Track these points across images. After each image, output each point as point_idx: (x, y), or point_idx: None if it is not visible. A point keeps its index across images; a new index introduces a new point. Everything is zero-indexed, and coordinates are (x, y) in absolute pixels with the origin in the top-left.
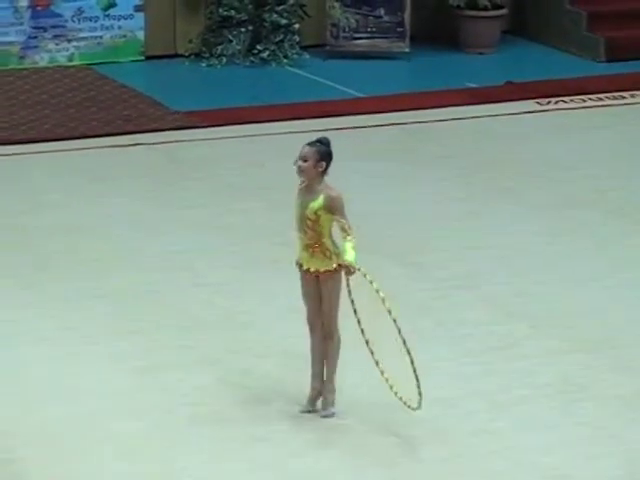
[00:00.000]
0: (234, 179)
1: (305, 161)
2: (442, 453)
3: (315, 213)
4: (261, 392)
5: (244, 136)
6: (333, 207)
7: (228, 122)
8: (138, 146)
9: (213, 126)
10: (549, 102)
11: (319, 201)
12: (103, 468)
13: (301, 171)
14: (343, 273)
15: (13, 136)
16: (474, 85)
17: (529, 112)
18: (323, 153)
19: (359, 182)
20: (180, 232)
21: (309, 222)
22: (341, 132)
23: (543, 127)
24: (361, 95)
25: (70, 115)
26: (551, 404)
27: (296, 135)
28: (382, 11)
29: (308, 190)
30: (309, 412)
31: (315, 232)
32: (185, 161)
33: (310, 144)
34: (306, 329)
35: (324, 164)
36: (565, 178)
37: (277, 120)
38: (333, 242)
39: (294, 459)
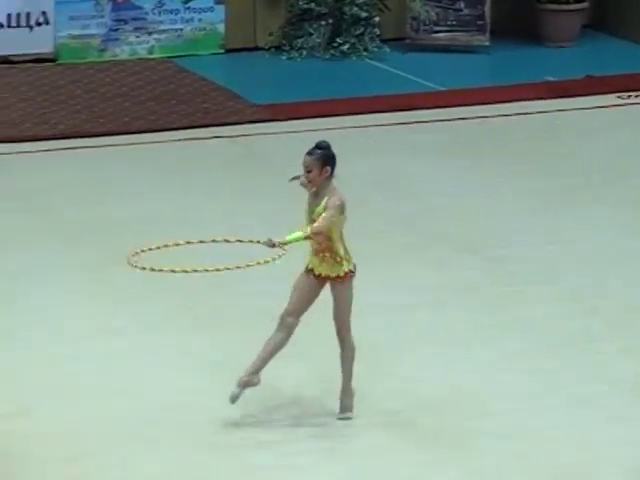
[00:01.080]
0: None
1: (309, 171)
2: (522, 447)
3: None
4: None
5: (323, 129)
6: (329, 207)
7: (307, 115)
8: (217, 139)
9: (292, 119)
10: (630, 96)
11: (323, 205)
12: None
13: (309, 182)
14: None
15: (93, 129)
16: (554, 79)
17: (609, 106)
18: (325, 158)
19: (437, 175)
20: (259, 225)
21: None
22: (420, 125)
23: (623, 121)
24: (441, 88)
25: (150, 108)
26: (629, 399)
27: (375, 128)
28: (462, 4)
29: (316, 195)
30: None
31: (324, 237)
32: (263, 154)
33: (310, 153)
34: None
35: (329, 168)
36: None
37: (356, 113)
38: (344, 247)
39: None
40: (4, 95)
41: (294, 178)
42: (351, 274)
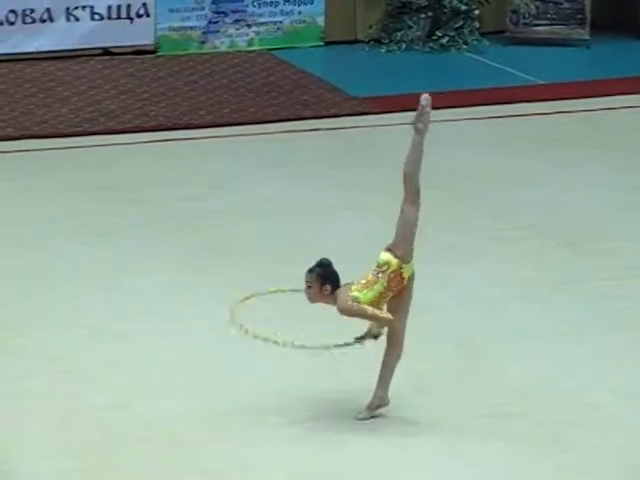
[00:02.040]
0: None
1: (309, 287)
2: (621, 441)
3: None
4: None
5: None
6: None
7: (406, 108)
8: (316, 132)
9: (391, 112)
10: None
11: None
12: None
13: (309, 298)
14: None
15: (192, 121)
16: None
17: None
18: (324, 277)
19: (535, 168)
20: (357, 218)
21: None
22: (520, 119)
23: None
24: (540, 82)
25: (249, 100)
26: None
27: (475, 122)
28: None
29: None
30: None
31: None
32: (363, 147)
33: (310, 270)
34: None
35: (329, 287)
36: None
37: (456, 107)
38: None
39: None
40: (105, 87)
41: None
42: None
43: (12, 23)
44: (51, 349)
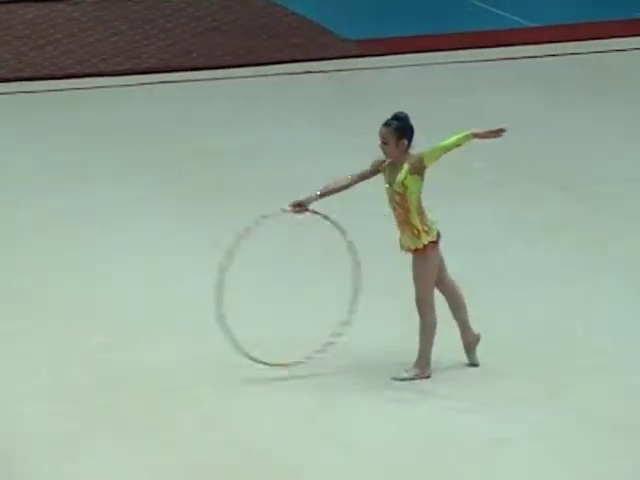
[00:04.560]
0: (401, 107)
1: (385, 143)
2: (629, 381)
3: (402, 184)
4: None
5: (415, 65)
6: (418, 164)
7: (398, 51)
8: (308, 74)
9: (383, 54)
10: None
11: (404, 170)
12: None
13: (385, 153)
14: None
15: (184, 63)
16: None
17: None
18: (401, 130)
19: (528, 112)
20: (350, 158)
21: (397, 197)
22: (513, 62)
23: None
24: (534, 24)
25: (240, 43)
26: None
27: (467, 65)
28: None
29: (394, 165)
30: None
31: (403, 208)
32: (355, 89)
33: (386, 123)
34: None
35: (405, 142)
36: None
37: (448, 49)
38: (422, 219)
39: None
40: (96, 29)
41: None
42: (431, 246)
43: None
44: (49, 291)
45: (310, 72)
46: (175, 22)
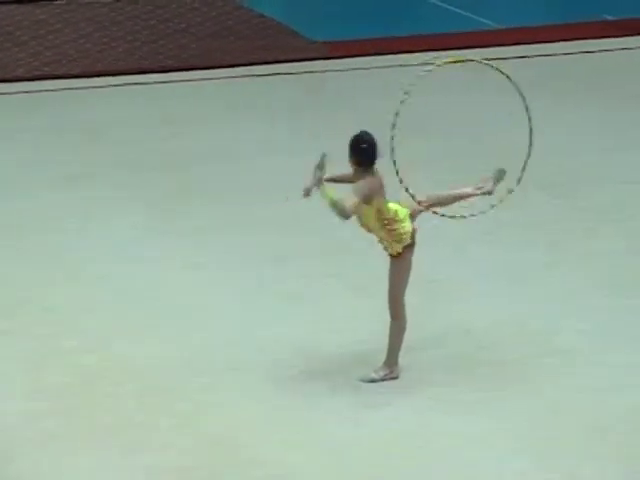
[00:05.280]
0: (371, 110)
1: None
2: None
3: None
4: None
5: (379, 67)
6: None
7: (366, 52)
8: (276, 76)
9: (351, 56)
10: None
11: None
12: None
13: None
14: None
15: (152, 65)
16: (612, 17)
17: None
18: (349, 151)
19: (500, 115)
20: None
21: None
22: (477, 63)
23: None
24: (498, 26)
25: (208, 45)
26: None
27: (430, 66)
28: None
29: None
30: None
31: (364, 226)
32: (320, 91)
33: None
34: None
35: (351, 163)
36: None
37: (416, 51)
38: (388, 233)
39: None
40: (64, 31)
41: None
42: (407, 249)
43: None
44: (24, 291)
45: (278, 74)
46: (143, 24)
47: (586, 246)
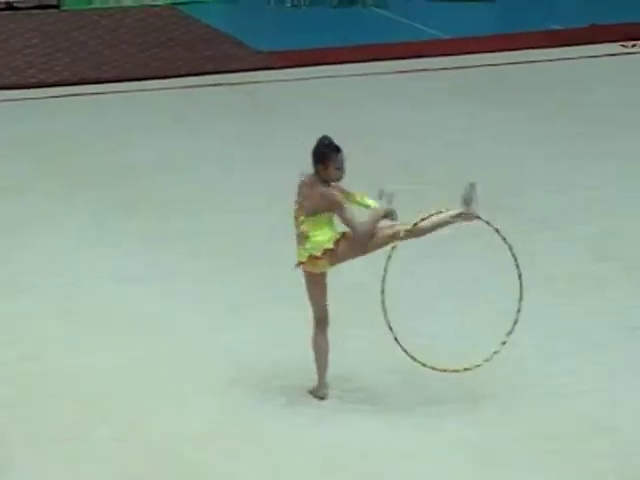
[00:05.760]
0: (316, 119)
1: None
2: (522, 396)
3: None
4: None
5: (328, 77)
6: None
7: (311, 63)
8: (221, 86)
9: (296, 66)
10: (634, 45)
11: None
12: (185, 403)
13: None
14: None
15: (97, 75)
16: (558, 27)
17: (613, 55)
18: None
19: (445, 122)
20: (262, 170)
21: None
22: (425, 73)
23: (627, 70)
24: (445, 36)
25: (154, 55)
26: (629, 345)
27: (380, 76)
28: None
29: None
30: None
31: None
32: (267, 101)
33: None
34: None
35: (318, 165)
36: None
37: (361, 61)
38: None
39: None
40: (9, 42)
41: None
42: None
43: None
44: None
45: (222, 84)
46: (89, 34)
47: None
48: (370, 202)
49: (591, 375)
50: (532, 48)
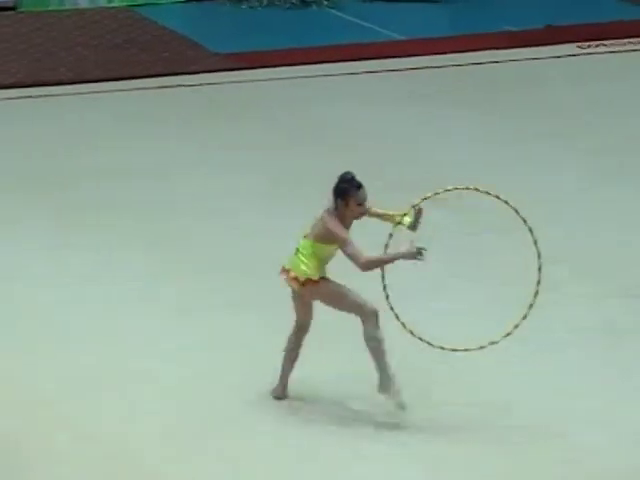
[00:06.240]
0: (271, 121)
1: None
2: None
3: None
4: None
5: (283, 78)
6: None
7: (267, 64)
8: (178, 88)
9: (253, 68)
10: (589, 46)
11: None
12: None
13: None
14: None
15: (54, 77)
16: (514, 28)
17: (569, 56)
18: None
19: (395, 126)
20: (223, 172)
21: None
22: (380, 74)
23: (583, 71)
24: (401, 38)
25: (110, 57)
26: (592, 348)
27: (335, 78)
28: None
29: None
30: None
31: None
32: (224, 103)
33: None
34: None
35: (337, 200)
36: (607, 123)
37: (317, 62)
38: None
39: None
40: None
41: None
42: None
43: None
44: None
45: (180, 86)
46: (45, 36)
47: (479, 260)
48: (406, 220)
49: (539, 378)
50: (487, 49)
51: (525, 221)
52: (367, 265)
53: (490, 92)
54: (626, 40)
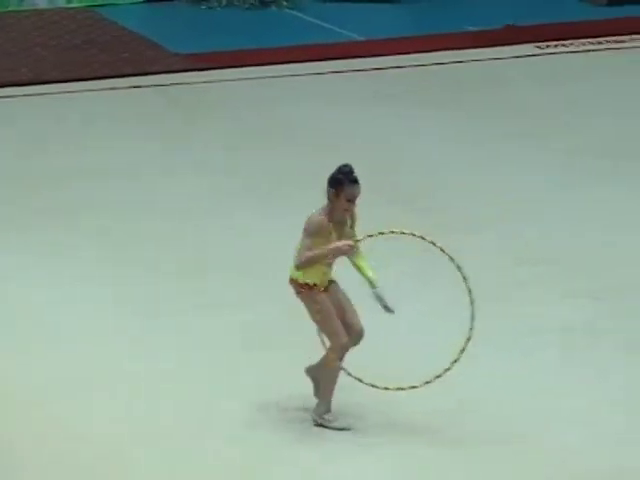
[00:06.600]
0: (234, 121)
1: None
2: (448, 403)
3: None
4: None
5: (243, 79)
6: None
7: (227, 65)
8: (138, 88)
9: (212, 69)
10: (548, 46)
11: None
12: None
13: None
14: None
15: (12, 78)
16: (474, 28)
17: (528, 56)
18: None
19: (362, 126)
20: (185, 173)
21: None
22: (340, 75)
23: (543, 71)
24: (360, 38)
25: (69, 57)
26: (555, 349)
27: (295, 78)
28: None
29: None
30: None
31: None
32: (184, 103)
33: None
34: None
35: (330, 190)
36: (575, 123)
37: (276, 63)
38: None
39: None
40: None
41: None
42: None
43: None
44: None
45: (140, 86)
46: (3, 37)
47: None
48: (370, 274)
49: (504, 379)
50: (447, 49)
51: (460, 268)
52: (304, 263)
53: (455, 92)
54: (585, 40)
